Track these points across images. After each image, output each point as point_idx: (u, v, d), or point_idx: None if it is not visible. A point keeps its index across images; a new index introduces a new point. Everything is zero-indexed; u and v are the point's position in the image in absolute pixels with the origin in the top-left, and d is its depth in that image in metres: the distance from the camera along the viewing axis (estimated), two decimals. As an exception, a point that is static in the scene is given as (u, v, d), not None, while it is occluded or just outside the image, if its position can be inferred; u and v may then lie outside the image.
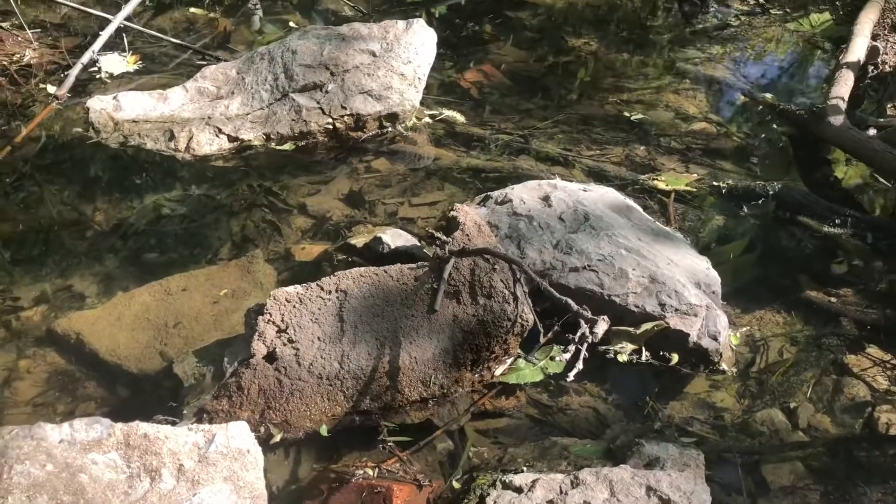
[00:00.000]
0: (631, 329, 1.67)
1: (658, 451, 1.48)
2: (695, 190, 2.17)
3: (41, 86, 2.38)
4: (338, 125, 2.23)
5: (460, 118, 2.39)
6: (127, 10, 2.48)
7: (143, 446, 1.26)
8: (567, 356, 1.41)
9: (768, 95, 2.58)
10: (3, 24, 2.53)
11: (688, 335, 1.66)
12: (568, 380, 1.40)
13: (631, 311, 1.68)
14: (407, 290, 1.60)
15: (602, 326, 1.37)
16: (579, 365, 1.35)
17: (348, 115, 2.24)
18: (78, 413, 1.59)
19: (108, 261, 1.94)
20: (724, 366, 1.68)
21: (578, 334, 1.39)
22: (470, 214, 1.72)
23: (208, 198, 2.09)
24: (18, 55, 2.42)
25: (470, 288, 1.60)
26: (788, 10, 2.91)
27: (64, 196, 2.10)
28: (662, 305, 1.68)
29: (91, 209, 2.05)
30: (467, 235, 1.67)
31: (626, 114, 2.47)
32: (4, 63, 2.39)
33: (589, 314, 1.45)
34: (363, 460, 1.47)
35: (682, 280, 1.74)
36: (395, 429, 1.52)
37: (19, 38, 2.45)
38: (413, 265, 1.65)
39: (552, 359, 1.56)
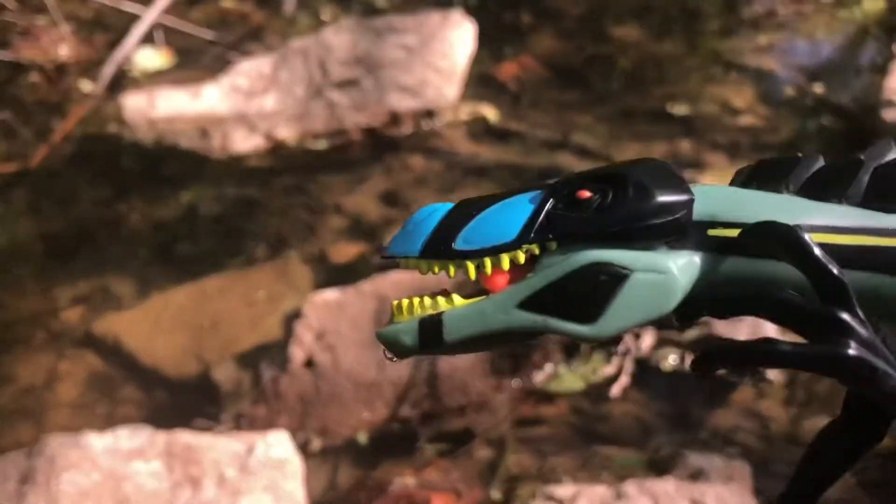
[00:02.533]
0: (674, 336, 1.63)
1: (703, 462, 1.44)
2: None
3: (76, 83, 2.38)
4: (373, 122, 2.20)
5: (497, 113, 2.35)
6: (159, 5, 2.47)
7: (185, 455, 1.26)
8: (610, 369, 1.37)
9: (818, 88, 2.49)
10: (39, 20, 2.53)
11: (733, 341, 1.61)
12: (611, 395, 1.36)
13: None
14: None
15: (648, 340, 1.33)
16: (623, 379, 1.32)
17: (384, 112, 2.20)
18: (117, 416, 1.60)
19: (143, 261, 1.94)
20: (770, 373, 1.63)
21: (622, 348, 1.35)
22: (509, 216, 1.69)
23: (243, 197, 2.08)
24: (53, 52, 2.42)
25: (510, 293, 1.57)
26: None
27: (99, 195, 2.10)
28: (708, 311, 1.64)
29: (126, 208, 2.05)
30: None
31: (670, 107, 2.40)
32: (40, 60, 2.39)
33: (635, 325, 1.41)
34: (402, 468, 1.46)
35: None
36: (433, 437, 1.50)
37: (53, 35, 2.45)
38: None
39: (594, 371, 1.52)
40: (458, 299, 0.30)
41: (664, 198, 0.29)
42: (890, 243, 0.28)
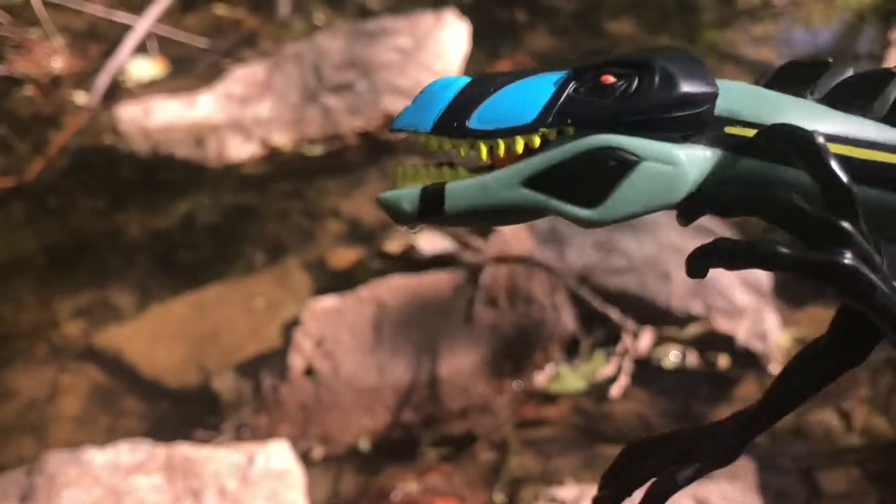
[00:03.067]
0: (676, 332, 1.62)
1: (708, 460, 1.43)
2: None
3: (71, 95, 2.38)
4: (368, 126, 2.20)
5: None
6: (150, 16, 2.46)
7: (186, 468, 1.26)
8: (609, 369, 1.37)
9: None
10: (32, 33, 2.53)
11: (735, 337, 1.61)
12: (611, 396, 1.36)
13: (675, 313, 1.62)
14: (444, 298, 1.57)
15: (646, 339, 1.33)
16: (623, 380, 1.31)
17: (379, 115, 2.20)
18: (119, 428, 1.60)
19: (142, 272, 1.94)
20: (773, 367, 1.62)
21: (620, 348, 1.34)
22: (506, 218, 1.68)
23: (240, 204, 2.08)
24: (47, 64, 2.42)
25: (508, 295, 1.56)
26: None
27: (97, 207, 2.10)
28: (709, 307, 1.63)
29: (124, 219, 2.05)
30: (504, 240, 1.63)
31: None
32: (34, 73, 2.39)
33: (632, 324, 1.40)
34: (404, 474, 1.45)
35: (728, 279, 1.68)
36: (435, 441, 1.49)
37: (47, 47, 2.45)
38: (450, 273, 1.61)
39: (595, 371, 1.51)
40: (462, 171, 0.29)
41: (689, 89, 0.28)
42: None
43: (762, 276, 1.72)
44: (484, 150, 0.28)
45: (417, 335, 1.54)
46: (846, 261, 0.26)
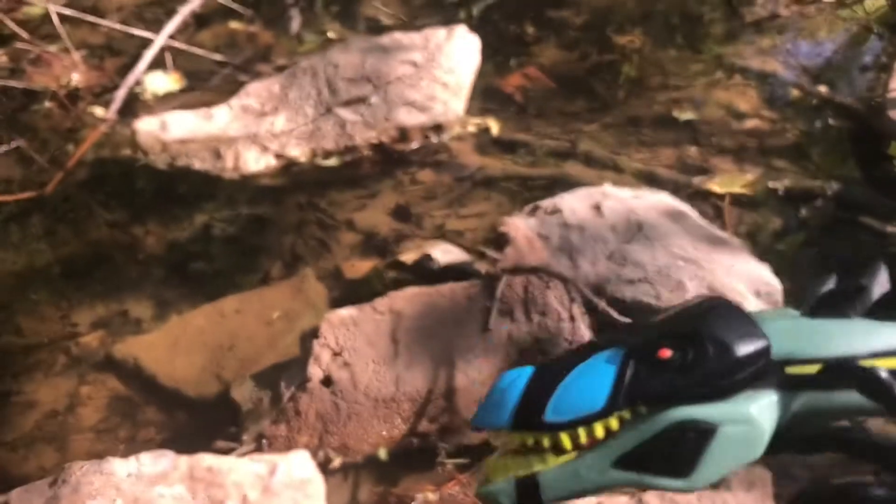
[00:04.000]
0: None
1: (724, 470, 1.44)
2: (751, 192, 2.11)
3: (89, 108, 2.41)
4: (382, 138, 2.22)
5: (501, 126, 2.36)
6: (168, 30, 2.50)
7: (208, 479, 1.27)
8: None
9: (823, 88, 2.49)
10: (51, 48, 2.57)
11: (749, 347, 1.62)
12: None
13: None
14: (460, 309, 1.59)
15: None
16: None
17: (392, 128, 2.22)
18: (139, 439, 1.62)
19: (160, 283, 1.96)
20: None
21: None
22: (520, 229, 1.70)
23: (257, 216, 2.10)
24: (66, 78, 2.45)
25: (524, 305, 1.57)
26: (841, -3, 2.81)
27: (115, 219, 2.13)
28: (722, 317, 1.64)
29: (142, 232, 2.07)
30: (518, 251, 1.64)
31: (676, 113, 2.41)
32: (53, 87, 2.42)
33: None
34: (423, 484, 1.47)
35: (741, 289, 1.69)
36: (453, 451, 1.50)
37: (65, 62, 2.48)
38: (465, 283, 1.63)
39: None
40: (551, 458, 0.31)
41: (744, 351, 0.30)
42: None
43: (775, 285, 1.74)
44: (566, 440, 0.30)
45: (434, 345, 1.55)
46: None
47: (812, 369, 0.29)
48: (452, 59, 2.31)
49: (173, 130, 2.20)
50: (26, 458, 1.61)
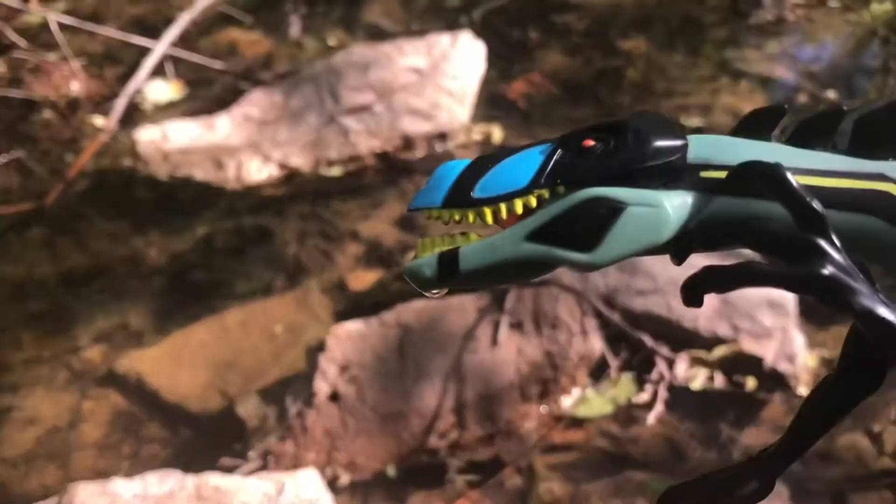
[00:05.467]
0: (703, 354, 1.61)
1: (739, 485, 1.42)
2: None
3: (89, 118, 2.38)
4: (386, 147, 2.20)
5: (508, 133, 2.34)
6: (168, 38, 2.47)
7: (215, 499, 1.24)
8: (644, 397, 1.36)
9: (831, 94, 2.47)
10: (50, 57, 2.54)
11: (762, 359, 1.59)
12: (648, 423, 1.34)
13: (702, 335, 1.61)
14: (468, 322, 1.56)
15: (682, 366, 1.32)
16: (659, 407, 1.30)
17: (397, 137, 2.20)
18: (143, 456, 1.59)
19: (162, 296, 1.93)
20: (801, 389, 1.61)
21: (656, 374, 1.33)
22: (530, 240, 1.68)
23: (259, 227, 2.07)
24: (65, 87, 2.42)
25: (534, 318, 1.55)
26: (848, 1, 2.79)
27: (115, 230, 2.10)
28: (735, 328, 1.61)
29: (143, 243, 2.05)
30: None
31: (683, 119, 2.39)
32: (52, 97, 2.39)
33: (666, 350, 1.39)
34: (432, 501, 1.44)
35: (754, 300, 1.66)
36: (463, 467, 1.48)
37: (65, 71, 2.46)
38: (473, 296, 1.60)
39: (621, 395, 1.50)
40: (473, 236, 0.33)
41: (660, 143, 0.32)
42: (868, 186, 0.30)
43: (788, 297, 1.71)
44: (488, 213, 0.33)
45: (442, 360, 1.53)
46: (825, 271, 0.28)
47: (724, 174, 0.31)
48: (457, 65, 2.29)
49: (174, 140, 2.17)
50: (28, 476, 1.58)
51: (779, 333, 1.62)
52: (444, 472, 1.47)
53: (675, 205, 0.31)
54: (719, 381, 1.59)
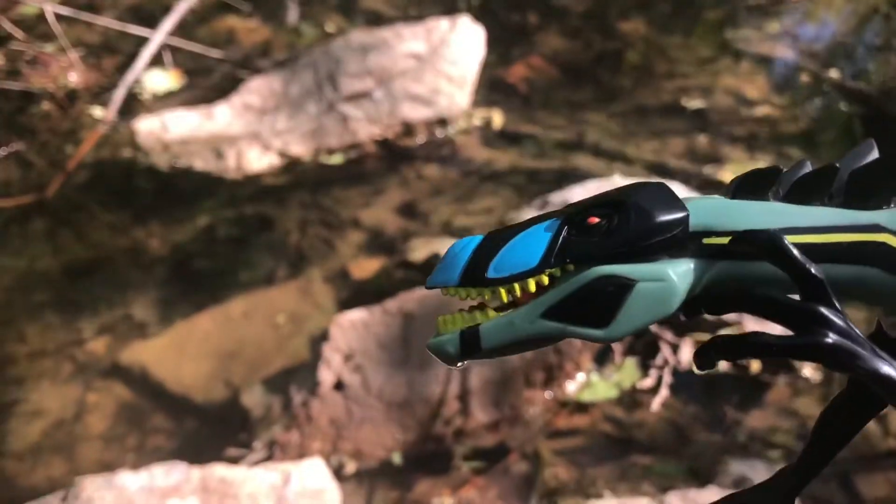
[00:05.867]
0: (707, 338, 1.61)
1: (745, 469, 1.42)
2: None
3: (88, 109, 2.37)
4: (387, 134, 2.18)
5: (509, 118, 2.33)
6: (166, 27, 2.45)
7: (221, 490, 1.25)
8: (649, 382, 1.35)
9: (833, 73, 2.45)
10: (47, 48, 2.53)
11: (767, 341, 1.59)
12: (652, 409, 1.34)
13: (705, 318, 1.61)
14: (472, 309, 1.56)
15: (687, 352, 1.31)
16: (664, 392, 1.30)
17: (397, 123, 2.18)
18: (148, 447, 1.59)
19: (165, 286, 1.93)
20: (805, 371, 1.61)
21: (660, 359, 1.33)
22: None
23: (261, 216, 2.07)
24: (63, 79, 2.41)
25: (537, 304, 1.55)
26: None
27: (117, 221, 2.09)
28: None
29: (144, 234, 2.04)
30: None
31: (684, 101, 2.37)
32: (51, 88, 2.38)
33: (670, 335, 1.38)
34: (439, 488, 1.44)
35: (757, 283, 1.66)
36: (468, 454, 1.48)
37: (62, 62, 2.44)
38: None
39: (625, 379, 1.50)
40: (492, 313, 0.35)
41: (662, 218, 0.33)
42: (865, 238, 0.32)
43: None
44: (503, 293, 0.34)
45: (446, 347, 1.53)
46: (828, 340, 0.30)
47: (726, 240, 0.32)
48: (457, 50, 2.27)
49: (174, 130, 2.16)
50: (34, 469, 1.59)
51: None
52: (450, 459, 1.47)
53: (681, 273, 0.32)
54: (723, 364, 1.59)
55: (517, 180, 2.12)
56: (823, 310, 0.30)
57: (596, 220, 0.34)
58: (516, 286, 0.34)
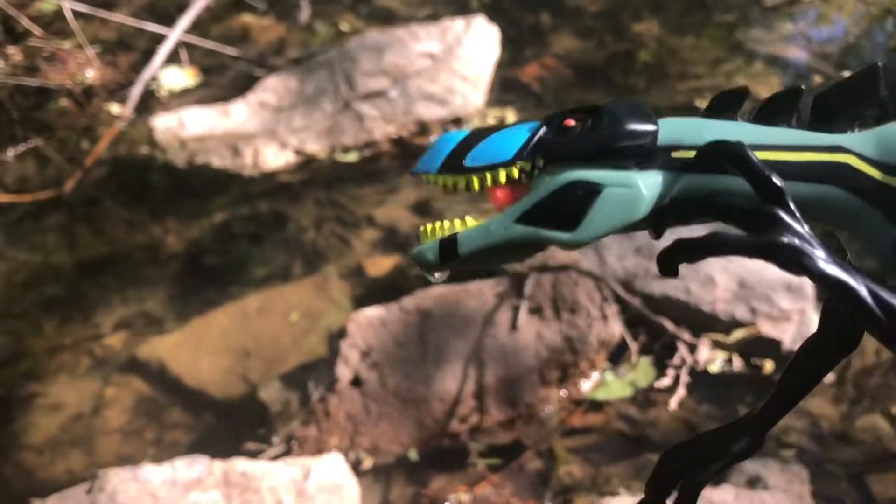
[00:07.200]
0: (721, 337, 1.62)
1: (759, 468, 1.43)
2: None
3: (105, 106, 2.39)
4: (402, 132, 2.20)
5: (522, 117, 2.33)
6: (182, 24, 2.47)
7: (243, 484, 1.26)
8: (665, 381, 1.36)
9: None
10: (64, 44, 2.54)
11: (780, 341, 1.60)
12: (670, 408, 1.35)
13: (720, 318, 1.62)
14: (488, 307, 1.57)
15: (704, 351, 1.32)
16: (681, 391, 1.31)
17: (412, 122, 2.20)
18: (166, 441, 1.61)
19: (181, 282, 1.94)
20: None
21: (677, 359, 1.34)
22: (548, 225, 1.68)
23: (277, 213, 2.08)
24: (80, 75, 2.43)
25: (553, 303, 1.56)
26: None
27: (133, 218, 2.11)
28: (753, 311, 1.62)
29: (161, 230, 2.06)
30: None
31: (698, 102, 2.38)
32: (68, 85, 2.40)
33: (688, 335, 1.39)
34: (455, 484, 1.46)
35: (772, 283, 1.67)
36: (484, 450, 1.49)
37: (79, 58, 2.46)
38: (492, 281, 1.61)
39: (640, 378, 1.51)
40: (470, 222, 0.36)
41: (632, 126, 0.34)
42: (828, 158, 0.32)
43: (806, 280, 1.71)
44: (475, 181, 0.36)
45: (462, 345, 1.54)
46: (783, 239, 0.30)
47: (693, 154, 0.33)
48: (471, 50, 2.28)
49: (191, 127, 2.17)
50: (53, 462, 1.61)
51: (796, 316, 1.62)
52: (466, 456, 1.48)
53: (649, 184, 0.34)
54: (737, 364, 1.60)
55: (531, 180, 2.13)
56: (781, 212, 0.31)
57: (572, 122, 0.35)
58: (488, 175, 0.35)
